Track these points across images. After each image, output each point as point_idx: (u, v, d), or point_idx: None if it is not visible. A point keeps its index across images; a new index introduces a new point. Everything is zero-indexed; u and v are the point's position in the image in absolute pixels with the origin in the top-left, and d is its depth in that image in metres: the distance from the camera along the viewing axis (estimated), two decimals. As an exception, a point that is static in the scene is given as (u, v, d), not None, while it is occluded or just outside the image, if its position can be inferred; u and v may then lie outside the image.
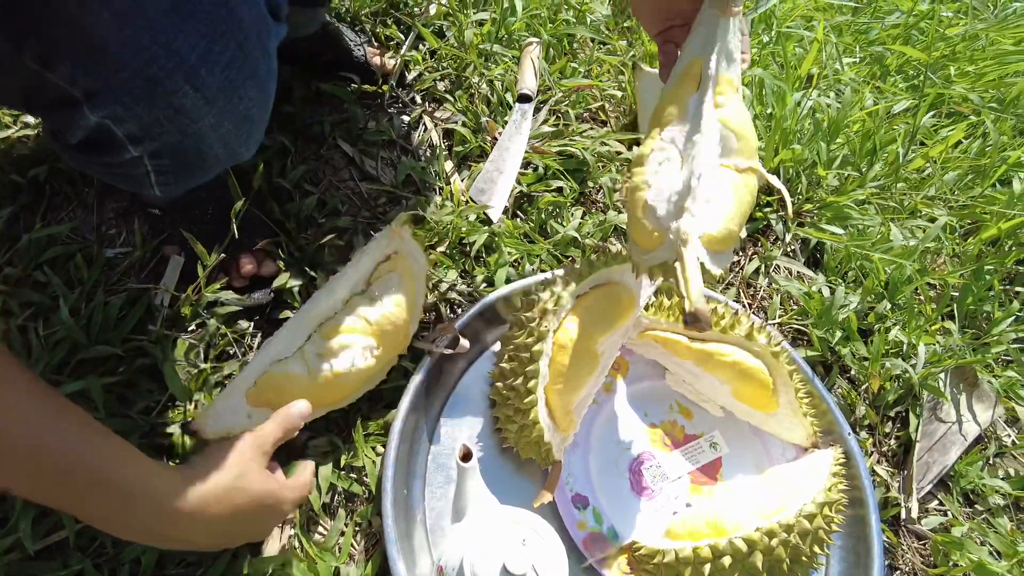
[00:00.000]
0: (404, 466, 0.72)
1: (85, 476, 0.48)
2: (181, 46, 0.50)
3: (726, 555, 0.65)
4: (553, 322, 0.73)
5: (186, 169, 0.62)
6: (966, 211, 1.09)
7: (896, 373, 0.90)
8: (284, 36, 0.61)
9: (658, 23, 0.67)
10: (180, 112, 0.54)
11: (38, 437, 0.46)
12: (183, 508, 0.53)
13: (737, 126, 0.59)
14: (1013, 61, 1.33)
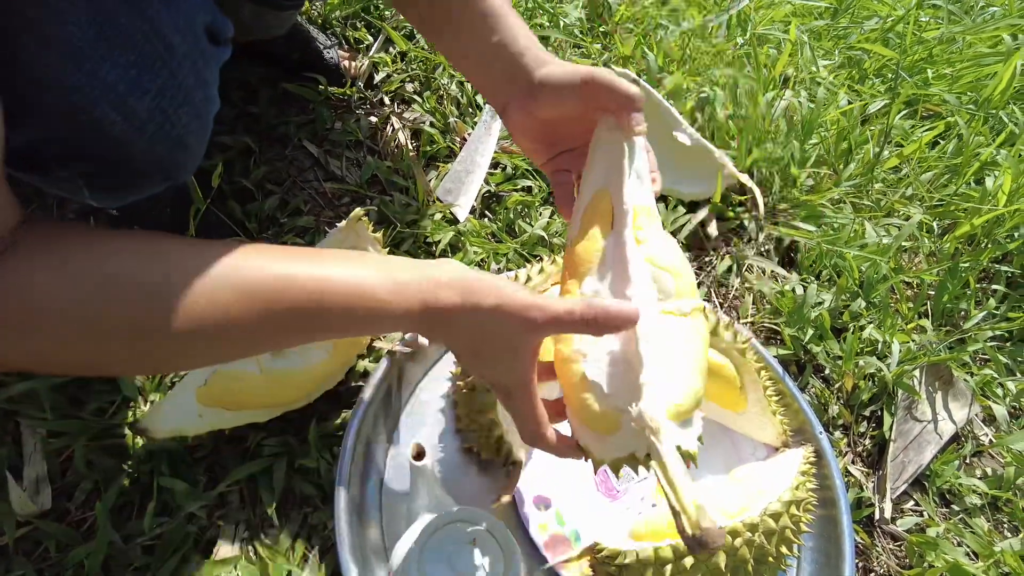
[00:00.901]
0: (360, 467, 0.70)
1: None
2: (108, 74, 0.49)
3: (687, 555, 0.63)
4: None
5: (119, 187, 0.59)
6: (941, 209, 1.08)
7: (870, 372, 0.89)
8: (227, 58, 0.59)
9: (544, 150, 0.62)
10: (108, 138, 0.52)
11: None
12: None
13: (668, 263, 0.52)
14: (989, 63, 1.33)
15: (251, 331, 0.47)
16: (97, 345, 0.43)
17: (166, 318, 0.43)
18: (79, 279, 0.42)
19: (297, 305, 0.47)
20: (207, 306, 0.44)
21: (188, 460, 0.70)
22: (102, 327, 0.43)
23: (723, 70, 1.12)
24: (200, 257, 0.45)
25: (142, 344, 0.44)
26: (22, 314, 0.41)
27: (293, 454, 0.72)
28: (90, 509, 0.67)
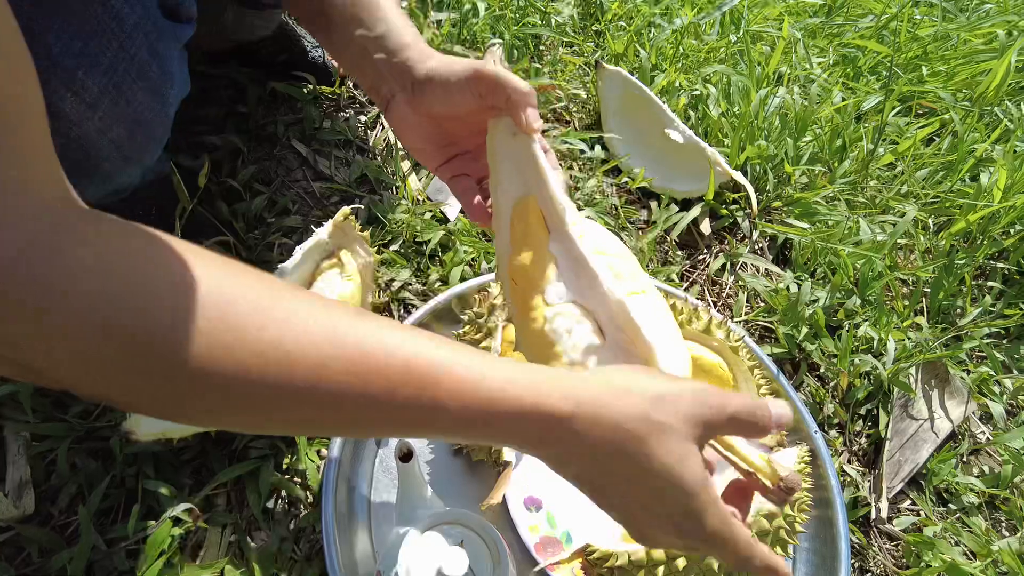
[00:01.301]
0: (348, 469, 0.69)
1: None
2: (53, 45, 0.46)
3: (679, 556, 0.62)
4: (502, 317, 0.71)
5: (80, 173, 0.57)
6: (936, 206, 1.07)
7: (866, 370, 0.88)
8: (190, 36, 0.56)
9: (435, 152, 0.59)
10: (59, 116, 0.49)
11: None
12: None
13: (613, 249, 0.52)
14: (984, 60, 1.33)
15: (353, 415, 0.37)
16: None
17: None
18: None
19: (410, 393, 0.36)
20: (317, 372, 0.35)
21: (174, 463, 0.70)
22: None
23: (716, 67, 1.12)
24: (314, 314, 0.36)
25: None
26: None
27: (280, 456, 0.71)
28: (74, 513, 0.66)
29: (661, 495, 0.39)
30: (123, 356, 0.32)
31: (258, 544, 0.68)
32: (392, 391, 0.36)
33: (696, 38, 1.23)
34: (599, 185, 0.98)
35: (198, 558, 0.66)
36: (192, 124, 0.88)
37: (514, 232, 0.54)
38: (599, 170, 0.98)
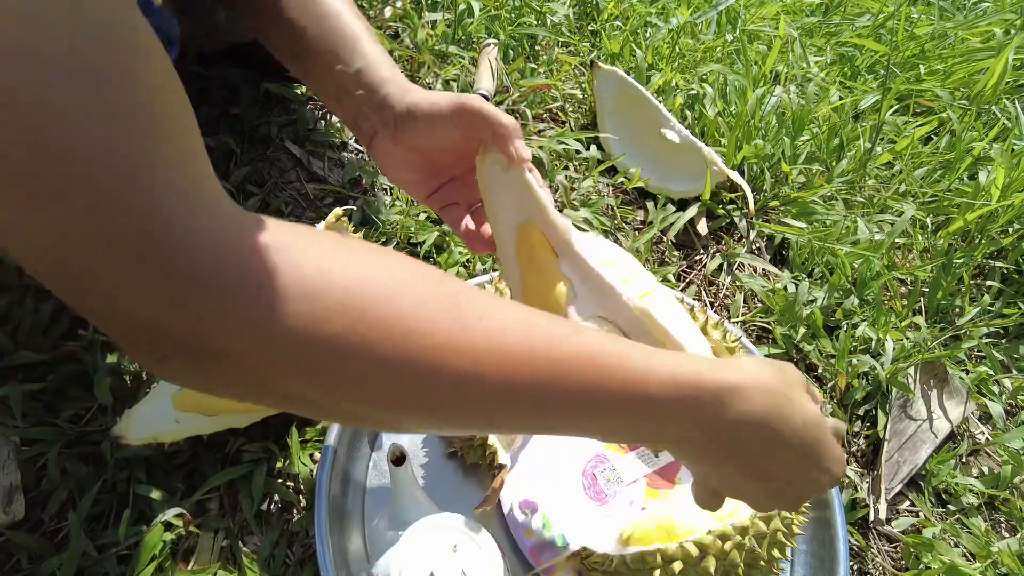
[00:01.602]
0: (342, 473, 0.68)
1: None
2: None
3: (676, 560, 0.62)
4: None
5: None
6: (934, 205, 1.07)
7: (864, 370, 0.88)
8: (175, 57, 0.56)
9: (424, 183, 0.58)
10: None
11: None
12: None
13: (615, 257, 0.54)
14: (982, 58, 1.32)
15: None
16: None
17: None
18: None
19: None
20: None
21: (166, 467, 0.69)
22: None
23: (712, 67, 1.11)
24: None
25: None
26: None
27: (274, 460, 0.70)
28: (65, 519, 0.65)
29: (817, 442, 0.42)
30: (398, 356, 0.30)
31: (251, 549, 0.67)
32: (584, 382, 0.35)
33: (692, 37, 1.23)
34: (595, 185, 0.98)
35: (190, 563, 0.66)
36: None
37: (521, 259, 0.55)
38: (595, 170, 0.98)
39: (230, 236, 0.28)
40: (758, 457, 0.41)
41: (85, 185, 0.24)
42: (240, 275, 0.27)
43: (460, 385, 0.32)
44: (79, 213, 0.24)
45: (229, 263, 0.27)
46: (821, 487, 0.45)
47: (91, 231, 0.25)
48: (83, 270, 0.26)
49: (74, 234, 0.25)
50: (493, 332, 0.33)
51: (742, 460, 0.41)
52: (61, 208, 0.24)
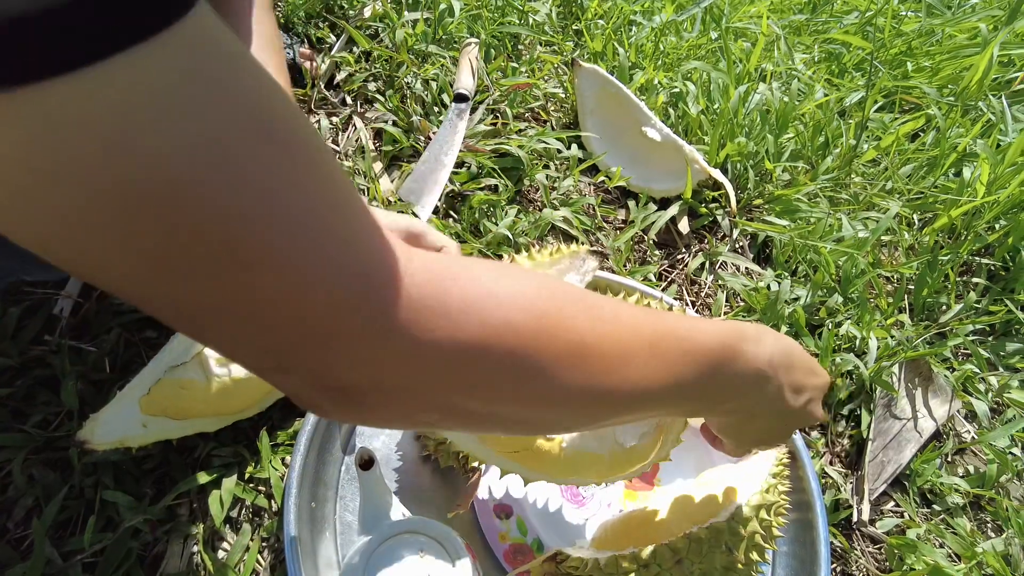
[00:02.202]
0: (312, 477, 0.67)
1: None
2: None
3: (651, 564, 0.60)
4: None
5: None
6: (919, 201, 1.06)
7: (848, 369, 0.87)
8: None
9: None
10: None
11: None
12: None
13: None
14: (968, 55, 1.32)
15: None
16: None
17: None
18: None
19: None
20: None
21: (135, 472, 0.68)
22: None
23: (694, 64, 1.10)
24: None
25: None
26: None
27: (244, 464, 0.69)
28: (30, 526, 0.64)
29: (814, 369, 0.51)
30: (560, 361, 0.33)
31: (221, 555, 0.66)
32: (711, 366, 0.40)
33: (676, 35, 1.22)
34: (576, 184, 0.97)
35: (158, 570, 0.64)
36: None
37: None
38: (575, 169, 0.97)
39: (429, 279, 0.29)
40: (785, 386, 0.47)
41: (303, 255, 0.25)
42: (442, 314, 0.29)
43: (623, 382, 0.35)
44: (315, 279, 0.25)
45: (427, 305, 0.29)
46: (822, 389, 0.52)
47: (320, 299, 0.26)
48: (299, 332, 0.26)
49: (298, 302, 0.26)
50: (631, 326, 0.37)
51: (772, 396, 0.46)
52: (276, 278, 0.25)
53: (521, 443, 0.58)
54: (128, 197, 0.21)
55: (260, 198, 0.24)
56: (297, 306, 0.25)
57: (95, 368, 0.72)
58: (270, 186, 0.24)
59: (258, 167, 0.23)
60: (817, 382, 0.51)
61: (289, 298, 0.25)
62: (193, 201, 0.22)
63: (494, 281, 0.31)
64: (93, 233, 0.22)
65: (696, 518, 0.63)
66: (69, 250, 0.23)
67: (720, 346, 0.41)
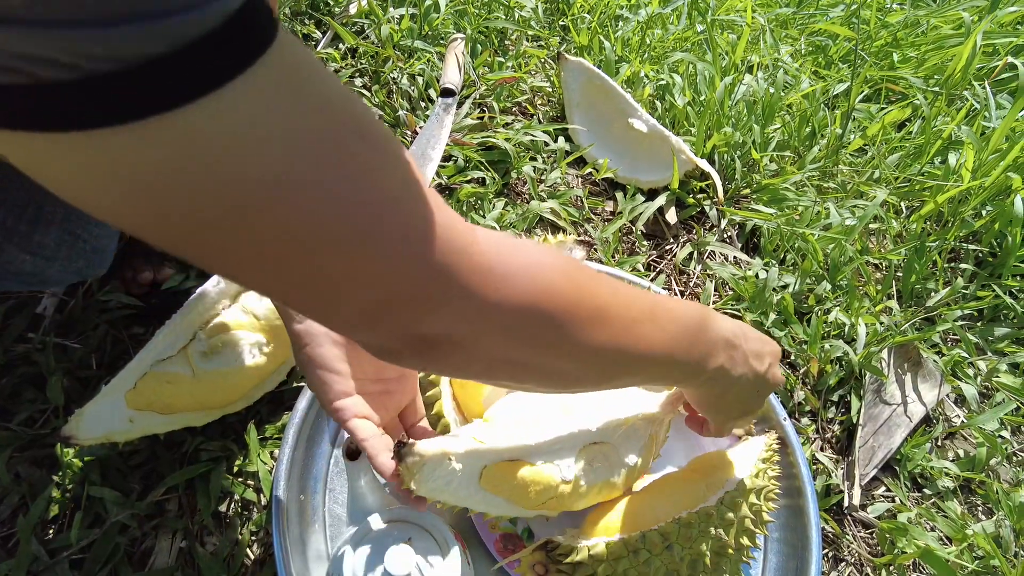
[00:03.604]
0: (301, 471, 0.67)
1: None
2: (6, 217, 0.49)
3: (641, 549, 0.60)
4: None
5: (39, 286, 0.60)
6: (906, 188, 1.06)
7: (837, 355, 0.87)
8: None
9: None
10: (21, 273, 0.52)
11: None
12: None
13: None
14: (953, 45, 1.32)
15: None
16: None
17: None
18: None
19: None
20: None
21: (122, 468, 0.68)
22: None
23: (680, 55, 1.11)
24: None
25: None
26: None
27: (233, 458, 0.69)
28: (16, 524, 0.64)
29: (763, 338, 0.56)
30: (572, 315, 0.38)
31: (209, 550, 0.66)
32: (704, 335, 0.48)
33: (662, 28, 1.22)
34: (563, 177, 0.97)
35: (147, 566, 0.64)
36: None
37: None
38: (562, 162, 0.97)
39: (491, 249, 0.34)
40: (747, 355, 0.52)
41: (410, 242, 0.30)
42: (503, 277, 0.34)
43: (635, 342, 0.41)
44: (406, 251, 0.30)
45: (492, 269, 0.34)
46: (777, 355, 0.58)
47: (409, 268, 0.31)
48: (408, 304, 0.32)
49: (409, 276, 0.31)
50: (633, 296, 0.43)
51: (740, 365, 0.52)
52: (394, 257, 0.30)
53: (545, 496, 0.59)
54: (242, 203, 0.25)
55: (361, 186, 0.28)
56: (393, 276, 0.30)
57: (81, 365, 0.72)
58: (368, 175, 0.28)
59: (357, 161, 0.27)
60: (771, 348, 0.57)
61: (386, 270, 0.30)
62: (303, 195, 0.26)
63: (538, 251, 0.37)
64: (225, 231, 0.26)
65: (685, 503, 0.63)
66: (193, 248, 0.27)
67: (698, 316, 0.47)
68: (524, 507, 0.58)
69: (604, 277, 0.41)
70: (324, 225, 0.27)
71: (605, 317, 0.39)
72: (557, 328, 0.37)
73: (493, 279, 0.34)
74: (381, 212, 0.28)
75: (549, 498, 0.59)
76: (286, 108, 0.25)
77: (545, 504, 0.59)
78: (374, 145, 0.28)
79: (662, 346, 0.44)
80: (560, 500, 0.60)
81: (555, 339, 0.37)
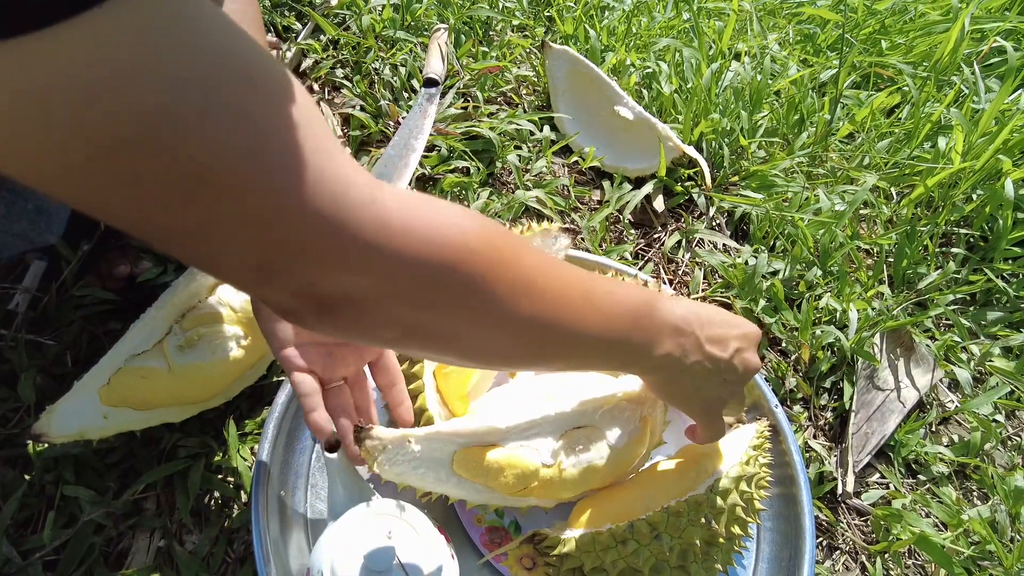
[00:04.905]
0: (281, 466, 0.65)
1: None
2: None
3: (629, 540, 0.59)
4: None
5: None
6: (896, 173, 1.05)
7: (828, 341, 0.85)
8: None
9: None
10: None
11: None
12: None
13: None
14: (942, 31, 1.31)
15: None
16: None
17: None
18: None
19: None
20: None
21: (97, 466, 0.66)
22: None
23: (666, 41, 1.09)
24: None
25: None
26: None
27: (212, 455, 0.67)
28: (-12, 525, 0.62)
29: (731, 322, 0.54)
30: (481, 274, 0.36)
31: (189, 548, 0.64)
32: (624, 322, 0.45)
33: (648, 16, 1.21)
34: (549, 166, 0.96)
35: (124, 565, 0.62)
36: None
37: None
38: (548, 151, 0.96)
39: (396, 205, 0.33)
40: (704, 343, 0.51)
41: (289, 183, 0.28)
42: (400, 230, 0.32)
43: (564, 318, 0.40)
44: (291, 201, 0.29)
45: (394, 227, 0.32)
46: (750, 338, 0.56)
47: (297, 220, 0.29)
48: (278, 245, 0.30)
49: (281, 214, 0.29)
50: (567, 274, 0.42)
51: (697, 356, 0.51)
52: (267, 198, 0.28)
53: (524, 481, 0.57)
54: (119, 138, 0.24)
55: (240, 131, 0.26)
56: (278, 225, 0.29)
57: (56, 362, 0.70)
58: (251, 119, 0.27)
59: (238, 106, 0.26)
60: (738, 332, 0.54)
61: (271, 218, 0.29)
62: (180, 135, 0.25)
63: (456, 212, 0.35)
64: (89, 172, 0.25)
65: (674, 492, 0.61)
66: (69, 189, 0.26)
67: (641, 301, 0.46)
68: (505, 493, 0.56)
69: (535, 249, 0.40)
70: (201, 169, 0.26)
71: (530, 288, 0.38)
72: (473, 293, 0.35)
73: (393, 234, 0.32)
74: (262, 159, 0.27)
75: (530, 484, 0.57)
76: (163, 45, 0.24)
77: (528, 490, 0.58)
78: (263, 92, 0.27)
79: (597, 326, 0.42)
80: (545, 486, 0.58)
81: (473, 305, 0.36)
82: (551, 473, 0.58)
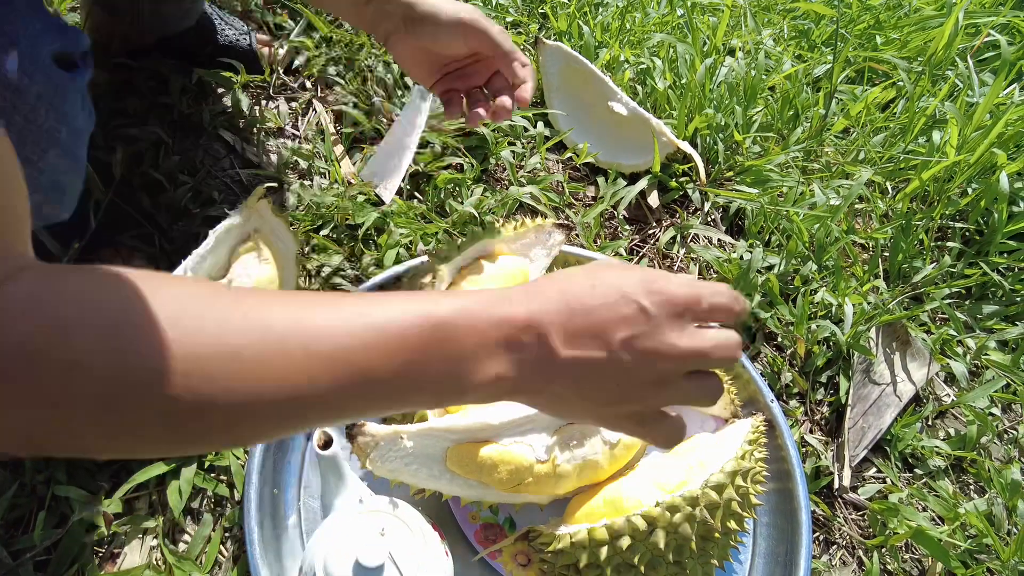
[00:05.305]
0: (274, 465, 0.65)
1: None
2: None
3: (623, 535, 0.58)
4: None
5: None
6: (891, 167, 1.05)
7: (824, 336, 0.85)
8: (88, 77, 0.54)
9: (428, 74, 0.68)
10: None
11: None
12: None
13: None
14: (936, 26, 1.31)
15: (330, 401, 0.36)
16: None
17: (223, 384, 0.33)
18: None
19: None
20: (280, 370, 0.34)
21: (89, 466, 0.65)
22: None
23: (660, 36, 1.09)
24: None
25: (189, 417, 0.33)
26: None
27: (204, 454, 0.67)
28: (-21, 526, 0.62)
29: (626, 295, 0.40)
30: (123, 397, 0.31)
31: (181, 548, 0.64)
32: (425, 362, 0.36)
33: (642, 13, 1.21)
34: (543, 162, 0.95)
35: (116, 565, 0.62)
36: (112, 117, 0.84)
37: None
38: (542, 147, 0.95)
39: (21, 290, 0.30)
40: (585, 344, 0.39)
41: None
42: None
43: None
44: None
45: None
46: (665, 305, 0.41)
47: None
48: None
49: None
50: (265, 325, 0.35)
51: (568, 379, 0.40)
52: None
53: (518, 477, 0.57)
54: None
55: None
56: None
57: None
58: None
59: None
60: (628, 311, 0.39)
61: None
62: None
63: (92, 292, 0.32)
64: None
65: (669, 487, 0.61)
66: None
67: (424, 322, 0.36)
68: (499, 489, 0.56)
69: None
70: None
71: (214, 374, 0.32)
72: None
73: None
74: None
75: (524, 480, 0.57)
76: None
77: (522, 487, 0.57)
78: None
79: (326, 377, 0.34)
80: (539, 482, 0.58)
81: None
82: (545, 469, 0.58)
